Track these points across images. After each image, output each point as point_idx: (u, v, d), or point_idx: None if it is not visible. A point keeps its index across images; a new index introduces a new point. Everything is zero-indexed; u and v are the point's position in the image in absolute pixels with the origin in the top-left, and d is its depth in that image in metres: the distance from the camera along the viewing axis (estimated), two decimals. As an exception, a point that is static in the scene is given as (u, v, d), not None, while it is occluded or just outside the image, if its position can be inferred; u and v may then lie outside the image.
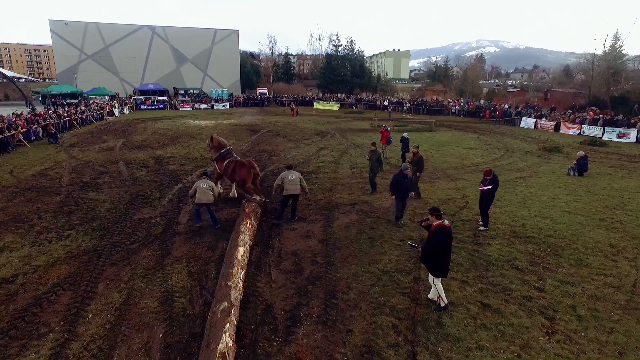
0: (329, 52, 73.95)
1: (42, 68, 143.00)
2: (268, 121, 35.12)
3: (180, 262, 7.46)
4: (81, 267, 7.16)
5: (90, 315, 5.67)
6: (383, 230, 9.14)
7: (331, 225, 9.45)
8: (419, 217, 9.69)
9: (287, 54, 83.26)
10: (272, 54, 78.25)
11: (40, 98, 55.26)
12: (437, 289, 5.99)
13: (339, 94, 60.71)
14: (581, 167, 14.88)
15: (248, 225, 8.41)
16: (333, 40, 73.64)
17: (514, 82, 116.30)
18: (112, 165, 16.27)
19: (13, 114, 23.30)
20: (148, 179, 13.88)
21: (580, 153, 15.24)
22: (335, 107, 50.94)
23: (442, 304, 5.95)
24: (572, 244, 8.38)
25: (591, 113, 31.37)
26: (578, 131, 28.26)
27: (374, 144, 14.70)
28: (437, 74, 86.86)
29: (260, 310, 5.88)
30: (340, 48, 72.98)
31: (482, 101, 48.96)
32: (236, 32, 69.61)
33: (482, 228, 9.40)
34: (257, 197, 10.30)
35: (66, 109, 31.17)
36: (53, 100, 47.72)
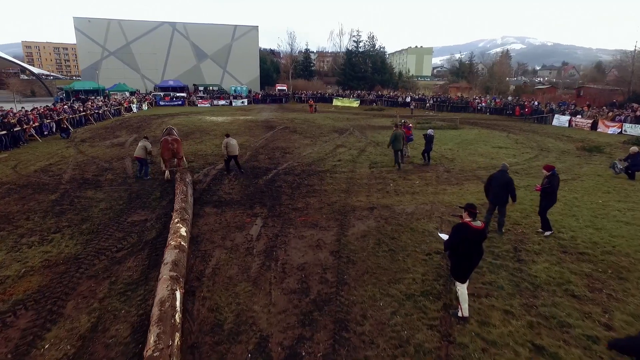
0: (350, 49, 72.44)
1: (69, 65, 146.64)
2: (285, 118, 34.10)
3: (168, 275, 6.42)
4: (54, 280, 6.21)
5: (47, 346, 4.66)
6: (406, 240, 7.87)
7: (346, 233, 8.25)
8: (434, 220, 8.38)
9: (307, 51, 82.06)
10: (292, 49, 77.41)
11: (64, 94, 55.95)
12: (457, 293, 5.44)
13: (359, 91, 59.17)
14: (634, 166, 13.11)
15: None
16: (354, 37, 72.06)
17: (541, 79, 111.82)
18: (118, 161, 15.52)
19: (22, 108, 23.00)
20: (151, 177, 12.99)
21: (634, 149, 13.39)
22: (355, 103, 49.53)
23: (460, 314, 5.33)
24: (638, 264, 6.90)
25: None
26: (619, 130, 26.01)
27: (396, 125, 15.08)
28: (462, 71, 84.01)
29: (252, 344, 4.75)
30: (361, 44, 71.35)
31: (509, 98, 46.58)
32: (256, 28, 68.92)
33: (547, 234, 8.13)
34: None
35: (82, 104, 30.99)
36: (75, 96, 48.11)
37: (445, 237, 5.78)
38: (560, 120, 30.54)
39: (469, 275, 5.54)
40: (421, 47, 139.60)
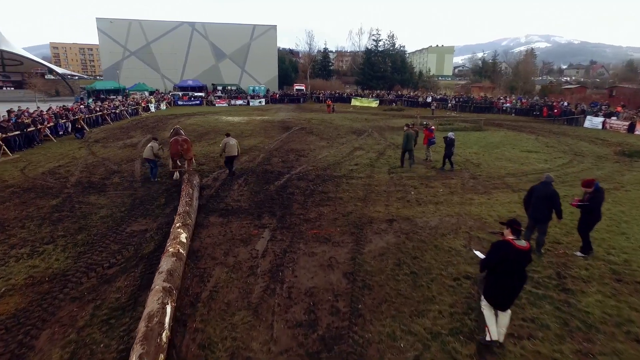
0: (369, 48, 71.26)
1: (93, 65, 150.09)
2: (302, 118, 33.38)
3: (160, 298, 5.69)
4: (34, 302, 5.57)
5: (5, 391, 4.00)
6: (430, 261, 6.94)
7: (361, 250, 7.38)
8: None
9: (325, 50, 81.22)
10: (310, 49, 76.76)
11: (85, 94, 56.78)
12: (482, 310, 4.87)
13: (378, 91, 57.97)
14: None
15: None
16: (373, 35, 71.01)
17: (568, 78, 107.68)
18: (128, 163, 15.05)
19: (38, 108, 22.96)
20: (158, 181, 12.42)
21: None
22: (374, 103, 48.41)
23: (488, 337, 4.75)
24: None
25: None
26: (659, 133, 24.21)
27: (407, 125, 14.89)
28: (484, 70, 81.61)
29: (246, 397, 3.96)
30: (381, 43, 70.15)
31: (536, 98, 44.59)
32: (274, 27, 68.51)
33: (578, 254, 7.11)
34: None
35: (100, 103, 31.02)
36: (96, 96, 48.64)
37: (481, 255, 5.13)
38: (593, 122, 28.75)
39: (508, 304, 4.72)
40: (442, 46, 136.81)
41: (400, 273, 6.49)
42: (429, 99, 45.88)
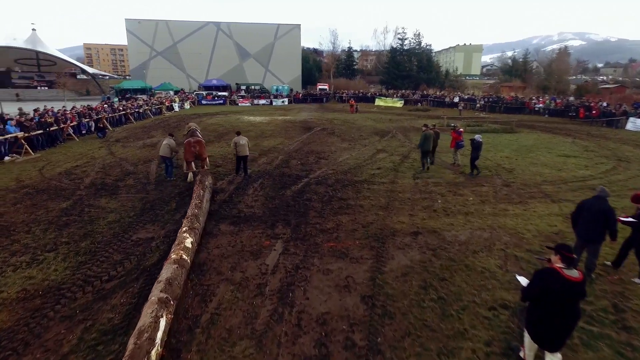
0: (394, 46, 69.86)
1: (123, 65, 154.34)
2: (324, 118, 32.72)
3: (157, 320, 5.14)
4: (22, 320, 5.12)
5: None
6: (460, 284, 6.12)
7: (382, 268, 6.62)
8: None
9: (349, 49, 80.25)
10: (334, 47, 76.03)
11: (114, 93, 58.04)
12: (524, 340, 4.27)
13: (403, 90, 56.60)
14: None
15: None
16: (399, 34, 69.53)
17: (604, 77, 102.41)
18: (144, 164, 14.77)
19: (63, 107, 23.21)
20: (172, 184, 12.01)
21: None
22: (399, 103, 47.22)
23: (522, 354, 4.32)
24: None
25: None
26: None
27: (426, 125, 14.50)
28: (515, 69, 78.47)
29: None
30: (406, 42, 68.62)
31: (571, 98, 42.28)
32: (298, 26, 68.13)
33: (636, 280, 6.20)
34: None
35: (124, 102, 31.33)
36: (123, 95, 49.52)
37: (522, 280, 4.27)
38: (637, 124, 26.76)
39: (558, 344, 3.95)
40: (470, 44, 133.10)
41: (426, 298, 5.70)
42: (456, 99, 44.31)
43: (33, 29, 69.72)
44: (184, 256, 6.45)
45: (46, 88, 66.23)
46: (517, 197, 10.86)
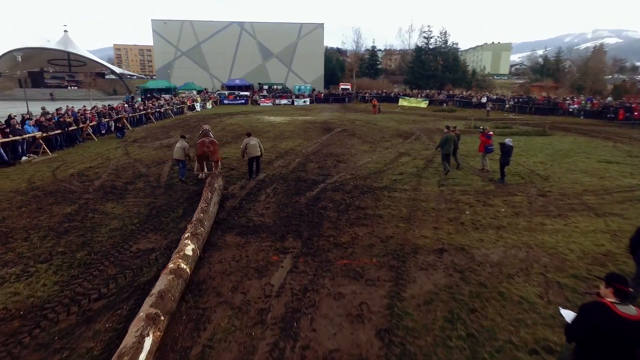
0: (419, 45, 68.23)
1: (151, 66, 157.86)
2: (346, 119, 31.93)
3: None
4: (-7, 348, 4.60)
5: None
6: (494, 317, 5.23)
7: (402, 294, 5.79)
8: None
9: (373, 48, 78.98)
10: (357, 46, 74.97)
11: (140, 92, 58.99)
12: None
13: (427, 90, 55.03)
14: None
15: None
16: (424, 32, 67.83)
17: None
18: (158, 166, 14.39)
19: (83, 107, 23.30)
20: (182, 188, 11.50)
21: None
22: (423, 104, 45.84)
23: None
24: None
25: None
26: None
27: (447, 127, 14.03)
28: (546, 68, 75.17)
29: None
30: (432, 40, 66.89)
31: (609, 98, 39.81)
32: (321, 25, 67.49)
33: None
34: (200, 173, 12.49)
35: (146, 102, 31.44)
36: (147, 95, 50.14)
37: (569, 316, 3.39)
38: (684, 127, 24.66)
39: None
40: (498, 43, 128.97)
41: (452, 335, 4.85)
42: (484, 99, 42.54)
43: (65, 30, 71.94)
44: (182, 265, 5.94)
45: (76, 88, 68.13)
46: (555, 209, 9.77)
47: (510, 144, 12.39)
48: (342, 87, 60.95)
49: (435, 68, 65.19)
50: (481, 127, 14.75)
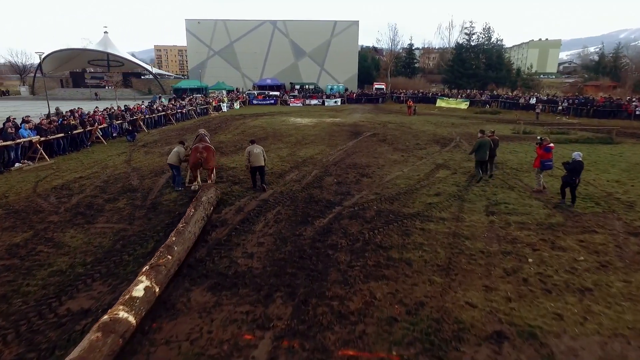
0: (460, 42, 64.06)
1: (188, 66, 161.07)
2: (377, 121, 29.37)
3: None
4: None
5: None
6: None
7: None
8: None
9: (410, 46, 75.35)
10: (392, 43, 71.72)
11: (172, 92, 58.90)
12: None
13: (468, 90, 51.11)
14: None
15: None
16: (466, 29, 63.54)
17: None
18: (154, 177, 12.60)
19: (96, 107, 22.16)
20: (167, 209, 9.54)
21: None
22: (464, 105, 42.30)
23: None
24: None
25: None
26: None
27: (482, 131, 12.87)
28: (602, 66, 68.48)
29: None
30: (474, 37, 62.49)
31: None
32: (356, 23, 64.99)
33: None
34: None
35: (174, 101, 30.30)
36: (179, 95, 49.60)
37: None
38: None
39: None
40: (546, 39, 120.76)
41: None
42: (533, 100, 38.43)
43: (105, 32, 73.67)
44: (122, 314, 4.43)
45: (112, 87, 69.44)
46: (654, 256, 6.94)
47: (579, 158, 9.64)
48: (376, 86, 58.11)
49: (476, 66, 60.85)
50: (539, 137, 11.87)
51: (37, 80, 65.21)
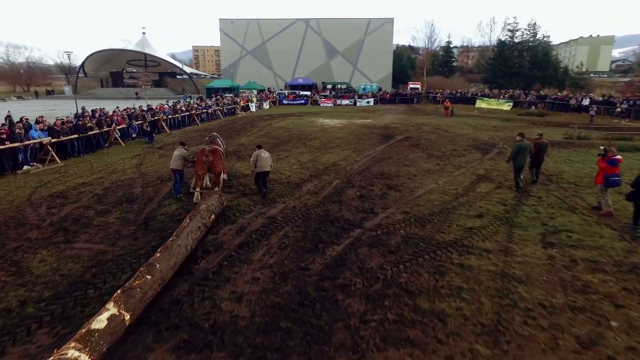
0: (502, 39, 60.20)
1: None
2: (411, 122, 27.39)
3: None
4: None
5: None
6: None
7: None
8: None
9: (448, 44, 72.01)
10: (429, 40, 68.77)
11: (205, 92, 59.11)
12: None
13: (511, 90, 47.65)
14: None
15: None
16: (509, 25, 59.62)
17: None
18: (159, 185, 11.50)
19: (117, 107, 21.66)
20: (161, 226, 8.32)
21: None
22: (506, 106, 39.22)
23: None
24: None
25: None
26: None
27: (521, 134, 11.75)
28: (665, 64, 62.31)
29: None
30: (518, 33, 58.41)
31: None
32: (391, 20, 62.62)
33: None
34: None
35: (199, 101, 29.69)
36: (214, 94, 49.43)
37: None
38: None
39: None
40: (597, 36, 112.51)
41: None
42: (586, 102, 34.88)
43: (143, 33, 75.46)
44: (72, 354, 3.68)
45: (144, 87, 70.83)
46: None
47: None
48: (411, 86, 55.55)
49: (520, 65, 56.84)
50: (602, 148, 9.75)
51: (79, 80, 67.54)
